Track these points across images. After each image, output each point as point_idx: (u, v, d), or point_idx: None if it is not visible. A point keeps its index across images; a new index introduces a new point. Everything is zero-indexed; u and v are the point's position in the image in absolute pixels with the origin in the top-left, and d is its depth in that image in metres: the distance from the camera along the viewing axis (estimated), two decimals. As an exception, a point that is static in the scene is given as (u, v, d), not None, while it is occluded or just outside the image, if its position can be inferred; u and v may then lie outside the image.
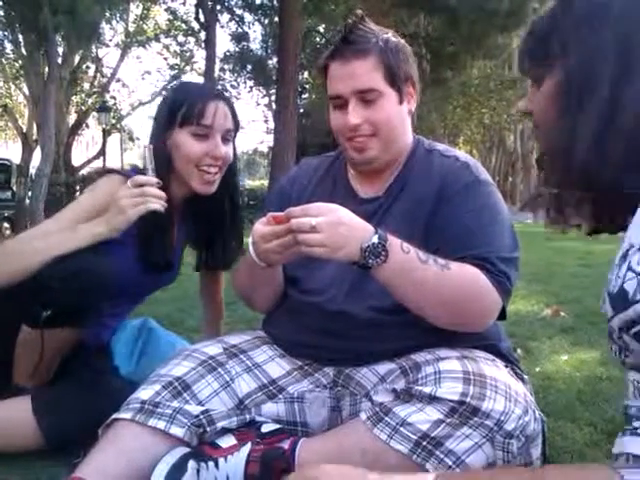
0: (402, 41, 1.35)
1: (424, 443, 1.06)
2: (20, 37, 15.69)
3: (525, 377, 1.33)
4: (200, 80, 18.40)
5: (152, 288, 1.74)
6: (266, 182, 19.46)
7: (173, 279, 1.74)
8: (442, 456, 1.05)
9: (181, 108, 1.51)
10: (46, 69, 14.14)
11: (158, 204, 1.37)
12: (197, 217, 1.68)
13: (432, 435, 1.06)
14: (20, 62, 17.70)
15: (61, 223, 1.46)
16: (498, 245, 1.23)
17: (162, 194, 1.39)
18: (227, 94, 1.66)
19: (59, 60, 14.83)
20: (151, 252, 1.54)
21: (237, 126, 1.58)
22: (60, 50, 15.30)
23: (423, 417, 1.07)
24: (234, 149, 1.61)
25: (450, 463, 1.05)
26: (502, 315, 1.25)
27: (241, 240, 1.74)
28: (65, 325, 1.44)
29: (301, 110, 19.83)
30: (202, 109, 1.49)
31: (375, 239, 1.09)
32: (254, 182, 34.20)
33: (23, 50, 16.26)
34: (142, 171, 1.49)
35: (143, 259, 1.54)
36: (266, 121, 27.06)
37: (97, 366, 1.59)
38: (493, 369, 1.17)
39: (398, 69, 1.30)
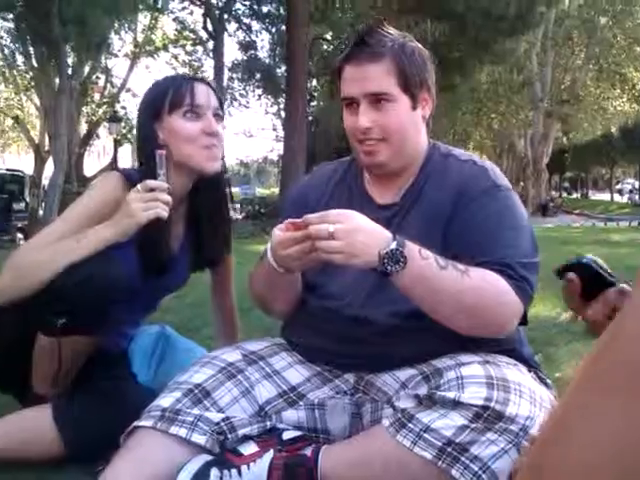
0: (419, 46, 1.34)
1: (449, 449, 1.05)
2: (31, 49, 15.84)
3: (548, 382, 1.31)
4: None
5: (158, 293, 1.72)
6: (276, 190, 19.50)
7: (181, 285, 1.73)
8: (467, 462, 1.04)
9: (167, 95, 1.52)
10: (57, 80, 14.27)
11: (165, 211, 1.38)
12: (196, 215, 1.67)
13: (457, 441, 1.05)
14: (31, 74, 17.84)
15: (67, 226, 1.46)
16: (518, 250, 1.22)
17: (169, 199, 1.39)
18: (236, 103, 1.68)
19: (69, 71, 14.96)
20: (147, 255, 1.52)
21: (222, 106, 1.61)
22: (70, 61, 15.43)
23: (447, 423, 1.06)
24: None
25: (476, 469, 1.04)
26: (523, 320, 1.24)
27: (229, 231, 1.74)
28: (80, 333, 1.44)
29: (310, 117, 19.86)
30: (190, 90, 1.51)
31: (393, 245, 1.09)
32: (264, 190, 34.26)
33: (34, 62, 16.39)
34: (145, 172, 1.48)
35: (141, 261, 1.52)
36: (275, 129, 27.13)
37: (116, 373, 1.59)
38: (516, 373, 1.16)
39: (412, 74, 1.29)
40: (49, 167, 15.84)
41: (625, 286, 0.78)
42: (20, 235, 12.53)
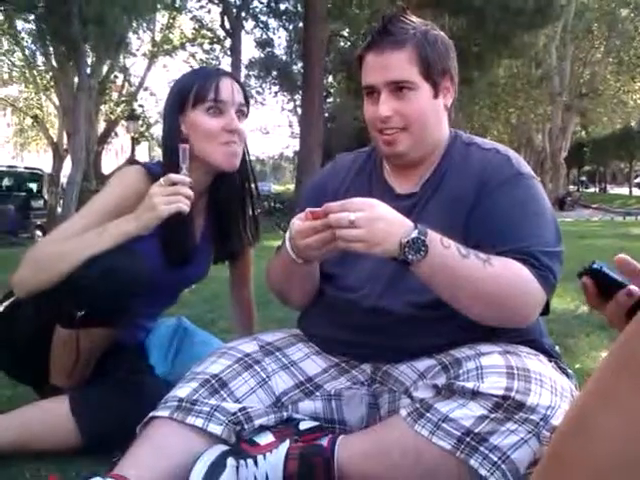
0: (442, 34, 1.32)
1: (467, 439, 1.04)
2: (51, 49, 16.02)
3: (570, 372, 1.29)
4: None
5: (180, 285, 1.73)
6: (292, 186, 19.52)
7: (202, 276, 1.73)
8: (487, 452, 1.02)
9: (192, 89, 1.51)
10: (76, 79, 14.43)
11: (187, 205, 1.37)
12: (217, 209, 1.66)
13: (476, 431, 1.03)
14: (51, 73, 18.06)
15: (88, 219, 1.45)
16: (542, 239, 1.19)
17: (191, 194, 1.38)
18: (252, 100, 1.66)
19: (88, 70, 15.09)
20: (171, 246, 1.52)
21: (247, 102, 1.58)
22: (89, 61, 15.57)
23: (466, 413, 1.05)
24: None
25: (495, 459, 1.02)
26: (545, 310, 1.22)
27: (257, 227, 1.73)
28: (99, 325, 1.44)
29: (326, 114, 19.85)
30: (215, 85, 1.50)
31: (415, 234, 1.07)
32: (280, 187, 34.33)
33: (53, 62, 16.59)
34: (168, 166, 1.48)
35: (164, 254, 1.52)
36: (291, 126, 27.19)
37: (133, 366, 1.59)
38: (537, 363, 1.14)
39: (435, 62, 1.27)
40: (67, 165, 15.98)
41: (633, 287, 0.82)
42: (39, 233, 12.68)
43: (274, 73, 24.07)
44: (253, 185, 1.70)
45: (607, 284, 0.84)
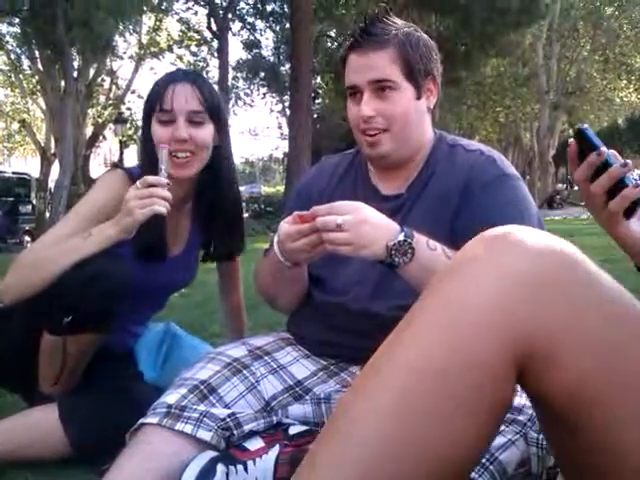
0: (425, 36, 1.33)
1: None
2: (36, 53, 15.93)
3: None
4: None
5: (167, 289, 1.72)
6: (282, 188, 19.51)
7: (189, 280, 1.73)
8: None
9: (150, 97, 1.51)
10: (62, 83, 14.35)
11: (164, 207, 1.36)
12: (202, 213, 1.66)
13: None
14: (37, 77, 17.96)
15: (72, 225, 1.45)
16: None
17: (169, 195, 1.37)
18: (240, 102, 1.64)
19: (75, 74, 15.02)
20: (143, 244, 1.49)
21: (211, 106, 1.52)
22: (75, 64, 15.50)
23: None
24: (222, 132, 1.57)
25: (483, 460, 1.02)
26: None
27: (242, 229, 1.73)
28: (86, 331, 1.44)
29: (315, 115, 19.86)
30: (161, 93, 1.48)
31: (401, 237, 1.08)
32: (270, 188, 34.32)
33: (39, 65, 16.51)
34: (144, 169, 1.48)
35: (137, 253, 1.48)
36: (280, 127, 27.16)
37: (122, 372, 1.59)
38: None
39: (417, 63, 1.28)
40: (55, 170, 15.92)
41: (605, 149, 0.92)
42: (27, 238, 12.62)
43: (262, 74, 24.04)
44: (236, 191, 1.69)
45: (587, 147, 0.91)
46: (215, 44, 21.80)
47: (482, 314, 0.63)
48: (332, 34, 19.98)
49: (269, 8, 21.61)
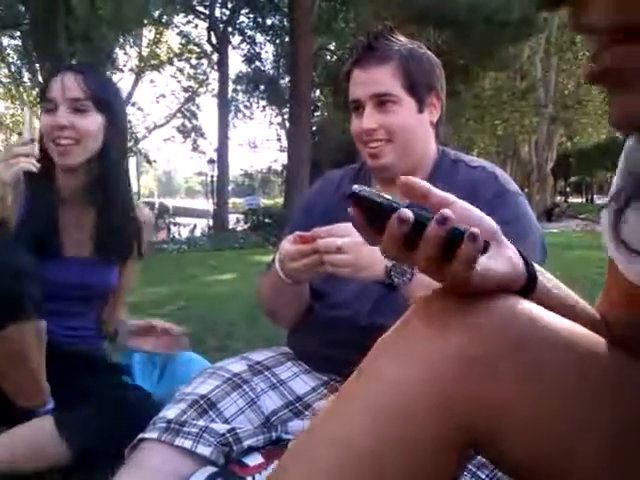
0: (429, 53, 1.36)
1: None
2: (37, 65, 16.00)
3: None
4: (214, 102, 18.56)
5: (82, 290, 1.62)
6: (281, 200, 19.54)
7: (107, 285, 1.67)
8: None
9: (40, 90, 1.59)
10: (63, 96, 14.39)
11: (29, 164, 1.36)
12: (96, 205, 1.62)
13: None
14: (37, 90, 18.03)
15: None
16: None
17: (32, 152, 1.37)
18: (240, 114, 1.64)
19: (75, 86, 15.07)
20: (33, 232, 1.48)
21: (98, 96, 1.54)
22: (76, 77, 15.56)
23: None
24: (114, 127, 1.58)
25: (474, 469, 1.02)
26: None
27: (130, 235, 1.67)
28: (4, 320, 1.34)
29: (314, 128, 19.92)
30: (46, 84, 1.54)
31: None
32: (269, 201, 34.36)
33: (40, 78, 16.57)
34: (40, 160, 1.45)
35: (29, 244, 1.45)
36: (279, 139, 27.24)
37: (113, 381, 1.58)
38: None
39: (419, 77, 1.30)
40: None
41: (404, 210, 0.61)
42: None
43: (262, 87, 24.16)
44: (123, 191, 1.64)
45: (375, 210, 0.64)
46: (215, 57, 21.95)
47: (418, 394, 0.60)
48: (332, 47, 20.11)
49: (269, 22, 21.77)
